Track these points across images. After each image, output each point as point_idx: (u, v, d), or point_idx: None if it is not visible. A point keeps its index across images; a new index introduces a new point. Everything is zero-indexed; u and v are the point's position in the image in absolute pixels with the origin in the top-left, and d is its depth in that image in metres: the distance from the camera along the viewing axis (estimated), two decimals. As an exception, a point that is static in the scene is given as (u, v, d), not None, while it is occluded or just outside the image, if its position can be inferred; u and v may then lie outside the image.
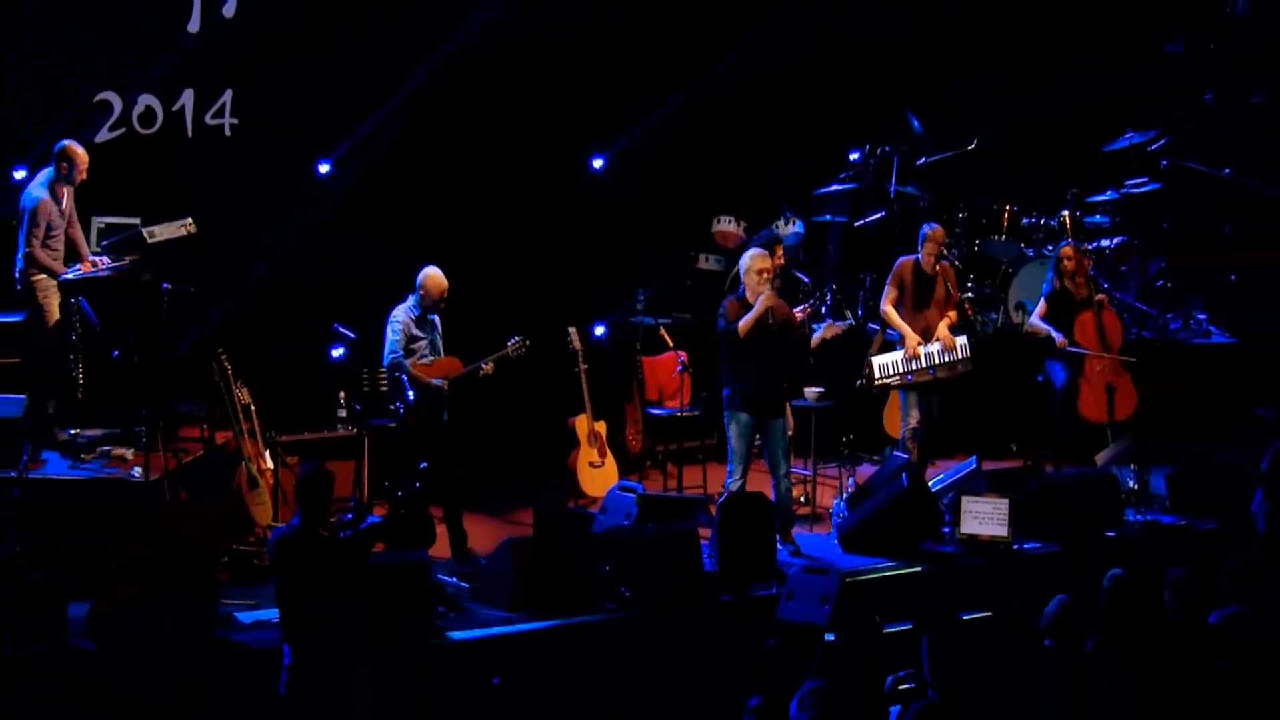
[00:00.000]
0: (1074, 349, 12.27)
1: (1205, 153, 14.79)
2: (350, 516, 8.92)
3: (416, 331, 11.02)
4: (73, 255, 10.96)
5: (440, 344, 11.14)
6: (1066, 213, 14.49)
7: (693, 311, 13.74)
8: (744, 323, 10.78)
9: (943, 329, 11.94)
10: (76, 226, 11.07)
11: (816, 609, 9.63)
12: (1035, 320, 12.54)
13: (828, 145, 15.03)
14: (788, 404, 11.44)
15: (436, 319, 11.14)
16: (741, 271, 11.06)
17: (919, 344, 11.85)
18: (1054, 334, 12.35)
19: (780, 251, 12.09)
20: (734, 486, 10.94)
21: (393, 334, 10.99)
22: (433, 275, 11.05)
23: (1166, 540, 11.41)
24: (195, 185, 12.58)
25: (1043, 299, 12.59)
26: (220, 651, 9.02)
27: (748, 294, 10.94)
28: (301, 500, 8.77)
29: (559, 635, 9.63)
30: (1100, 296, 12.60)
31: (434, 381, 10.93)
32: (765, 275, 10.90)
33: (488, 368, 11.08)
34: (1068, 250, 12.60)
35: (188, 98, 12.85)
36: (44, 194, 10.79)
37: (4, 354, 11.31)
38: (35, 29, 12.37)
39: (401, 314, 11.03)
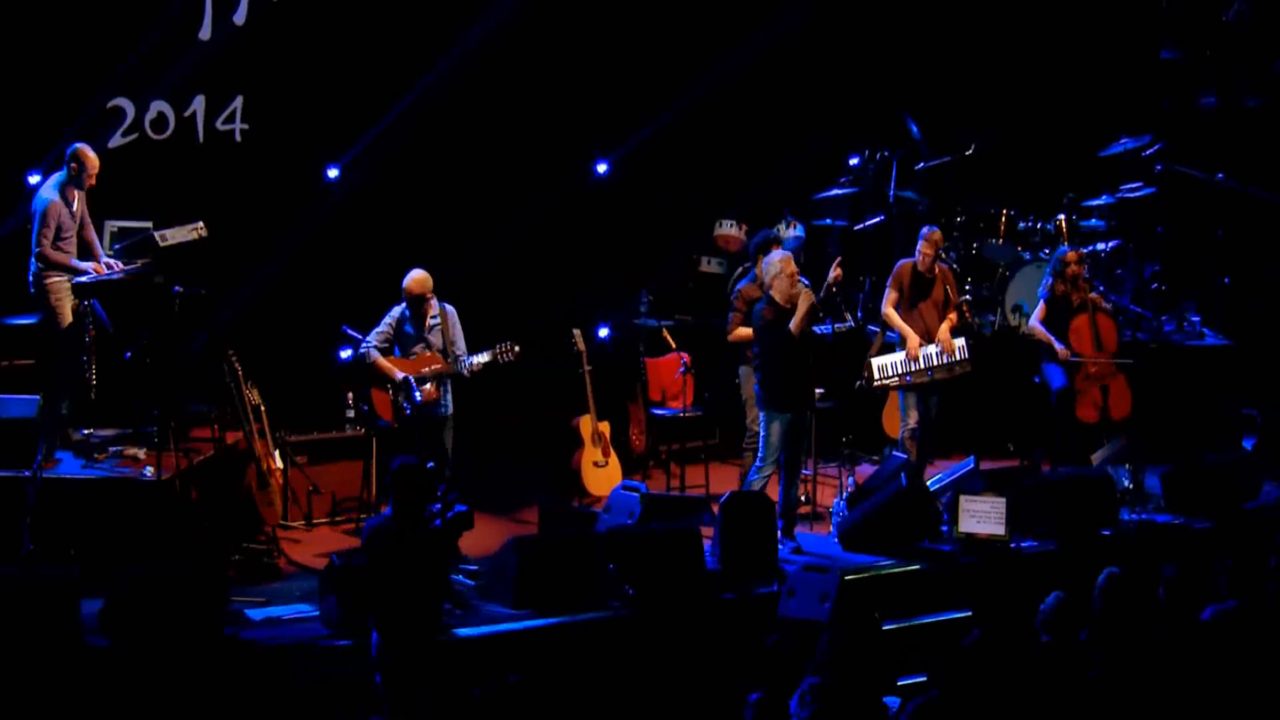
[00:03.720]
0: (1075, 358, 12.38)
1: (1200, 157, 14.90)
2: (439, 506, 8.98)
3: (406, 329, 11.10)
4: (85, 258, 11.02)
5: (441, 343, 11.10)
6: (1062, 216, 14.61)
7: (695, 314, 13.86)
8: (795, 322, 10.82)
9: (943, 331, 12.04)
10: (90, 229, 11.09)
11: (817, 606, 9.79)
12: (1036, 324, 12.60)
13: (827, 149, 15.16)
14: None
15: (444, 319, 11.13)
16: (767, 276, 11.09)
17: (920, 344, 11.98)
18: (1056, 343, 12.42)
19: (777, 250, 12.17)
20: (759, 484, 11.05)
21: (376, 326, 11.13)
22: (410, 274, 11.09)
23: (1161, 539, 11.51)
24: (206, 189, 12.68)
25: (1042, 301, 12.68)
26: (230, 649, 9.10)
27: (776, 296, 10.98)
28: (396, 492, 8.79)
29: (563, 632, 9.73)
30: (1094, 296, 12.68)
31: (398, 374, 11.02)
32: (795, 276, 11.00)
33: (475, 365, 11.05)
34: (1071, 255, 12.60)
35: (199, 104, 12.97)
36: (54, 195, 10.78)
37: (19, 355, 11.41)
38: (49, 35, 12.49)
39: (396, 310, 11.14)
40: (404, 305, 11.15)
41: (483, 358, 11.06)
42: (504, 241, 13.50)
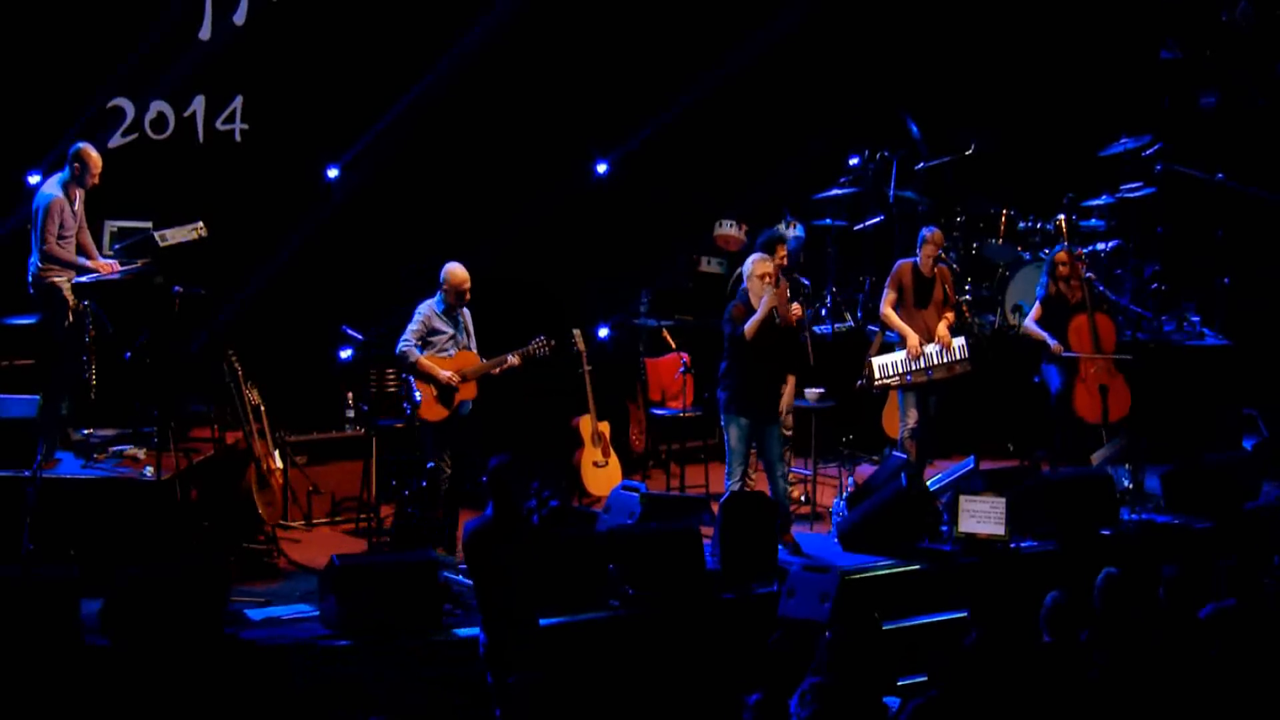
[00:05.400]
0: (1069, 354, 12.40)
1: (1200, 157, 14.90)
2: (534, 503, 8.95)
3: (439, 325, 11.14)
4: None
5: (467, 340, 11.22)
6: (1062, 216, 14.60)
7: (695, 313, 13.85)
8: (750, 325, 10.84)
9: (941, 329, 12.05)
10: (86, 231, 11.09)
11: (817, 606, 9.78)
12: (1030, 324, 12.64)
13: (827, 149, 15.16)
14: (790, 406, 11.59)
15: (465, 316, 11.23)
16: (745, 277, 11.14)
17: (920, 343, 11.99)
18: (1049, 339, 12.46)
19: (783, 251, 12.09)
20: (734, 487, 11.04)
21: (410, 325, 11.13)
22: (452, 269, 11.17)
23: (1161, 539, 11.52)
24: (206, 189, 12.67)
25: (1038, 302, 12.70)
26: (230, 649, 9.10)
27: (751, 298, 11.01)
28: (495, 491, 8.79)
29: (563, 632, 9.69)
30: (1084, 277, 12.65)
31: (443, 374, 11.09)
32: (768, 279, 11.02)
33: (514, 360, 11.18)
34: (1062, 255, 12.64)
35: (199, 104, 12.97)
36: (58, 192, 10.76)
37: (19, 355, 11.42)
38: (49, 35, 12.49)
39: (425, 307, 11.17)
40: (433, 300, 11.16)
41: (521, 353, 11.15)
42: (504, 241, 13.49)
